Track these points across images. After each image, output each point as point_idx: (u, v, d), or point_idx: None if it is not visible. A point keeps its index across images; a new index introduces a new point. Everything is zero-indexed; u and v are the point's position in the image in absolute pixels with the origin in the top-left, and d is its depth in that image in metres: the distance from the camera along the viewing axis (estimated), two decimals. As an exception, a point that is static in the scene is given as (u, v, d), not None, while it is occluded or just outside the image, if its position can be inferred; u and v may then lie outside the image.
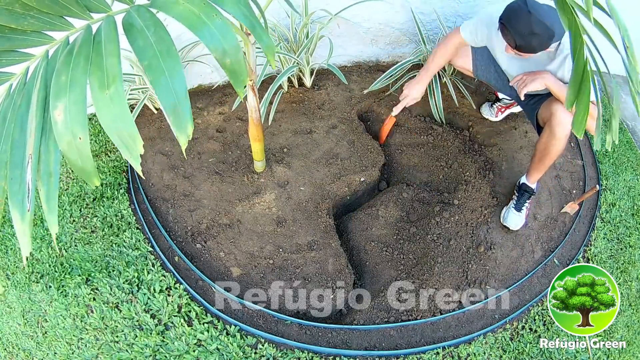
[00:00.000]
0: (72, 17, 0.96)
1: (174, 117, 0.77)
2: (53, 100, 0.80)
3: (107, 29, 0.86)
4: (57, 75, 0.82)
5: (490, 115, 2.56)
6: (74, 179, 2.28)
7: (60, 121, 0.78)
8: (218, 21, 0.79)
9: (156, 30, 0.81)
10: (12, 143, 0.87)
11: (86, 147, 0.78)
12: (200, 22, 0.79)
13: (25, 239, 0.83)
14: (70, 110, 0.78)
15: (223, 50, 0.79)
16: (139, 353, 1.77)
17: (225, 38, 0.79)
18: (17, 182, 0.84)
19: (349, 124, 2.49)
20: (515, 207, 2.12)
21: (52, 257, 2.04)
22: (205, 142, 2.37)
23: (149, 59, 0.78)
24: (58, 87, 0.80)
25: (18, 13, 0.90)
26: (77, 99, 0.78)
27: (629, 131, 2.84)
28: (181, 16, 0.80)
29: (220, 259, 2.04)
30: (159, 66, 0.77)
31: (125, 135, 0.77)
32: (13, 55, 0.97)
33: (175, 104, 0.76)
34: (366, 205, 2.34)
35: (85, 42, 0.85)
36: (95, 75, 0.79)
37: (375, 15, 2.51)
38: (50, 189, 0.83)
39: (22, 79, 0.96)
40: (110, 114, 0.76)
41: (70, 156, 0.79)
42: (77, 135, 0.77)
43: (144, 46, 0.79)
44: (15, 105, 0.91)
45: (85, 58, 0.82)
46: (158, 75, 0.77)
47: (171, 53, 0.78)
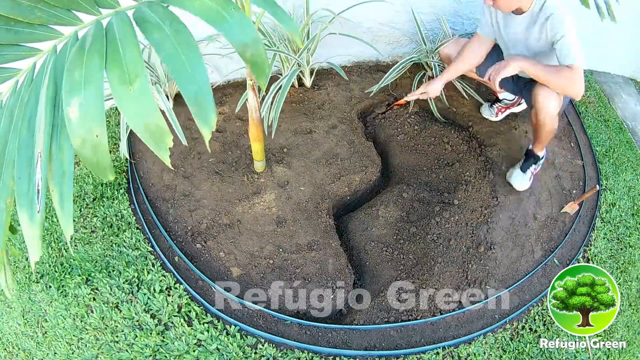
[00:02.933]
0: (80, 11, 0.95)
1: (197, 108, 0.75)
2: (66, 97, 0.77)
3: (121, 25, 0.84)
4: (69, 71, 0.80)
5: (490, 116, 2.57)
6: (73, 179, 2.28)
7: (74, 118, 0.76)
8: (236, 14, 0.79)
9: (172, 24, 0.80)
10: (19, 141, 0.84)
11: (104, 143, 0.76)
12: (219, 16, 0.78)
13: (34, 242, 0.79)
14: (87, 106, 0.76)
15: (244, 43, 0.79)
16: (139, 353, 1.77)
17: (245, 31, 0.79)
18: (25, 181, 0.80)
19: (349, 124, 2.49)
20: (521, 167, 2.23)
21: (52, 257, 2.04)
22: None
23: (166, 50, 0.77)
24: (71, 84, 0.78)
25: (25, 5, 0.88)
26: (94, 96, 0.76)
27: (629, 131, 2.84)
28: (199, 11, 0.79)
29: (220, 259, 2.04)
30: (178, 57, 0.76)
31: (153, 129, 0.75)
32: (19, 49, 0.95)
33: (197, 95, 0.75)
34: (366, 205, 2.34)
35: (98, 38, 0.83)
36: (114, 72, 0.77)
37: (376, 15, 2.51)
38: (64, 190, 0.80)
39: (29, 75, 0.93)
40: (135, 109, 0.75)
41: (85, 153, 0.76)
42: (94, 131, 0.75)
43: (162, 39, 0.78)
44: (22, 102, 0.88)
45: (100, 54, 0.80)
46: (178, 67, 0.76)
47: (191, 44, 0.78)
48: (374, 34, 2.61)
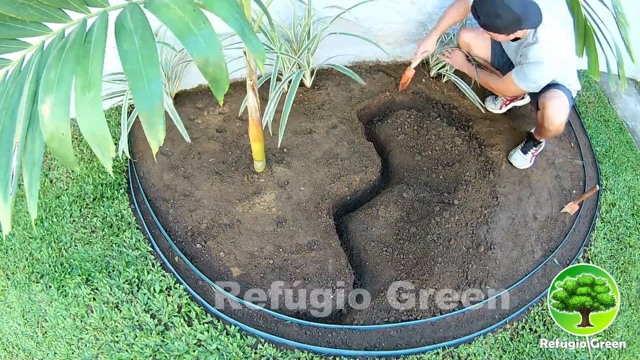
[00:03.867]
0: (70, 9, 0.99)
1: (147, 123, 0.80)
2: (41, 95, 0.84)
3: (99, 28, 0.89)
4: (47, 70, 0.86)
5: (495, 108, 2.60)
6: (74, 179, 2.28)
7: (46, 116, 0.83)
8: (205, 30, 0.81)
9: (143, 34, 0.83)
10: (1, 130, 0.91)
11: (67, 140, 0.85)
12: (187, 30, 0.81)
13: (6, 219, 0.89)
14: (56, 107, 0.83)
15: (206, 59, 0.81)
16: (139, 353, 1.77)
17: (210, 47, 0.81)
18: (2, 169, 0.89)
19: (349, 124, 2.49)
20: (522, 149, 2.34)
21: (52, 257, 2.04)
22: (205, 142, 2.37)
23: (131, 64, 0.81)
24: (47, 83, 0.85)
25: (19, 3, 0.93)
26: (63, 98, 0.83)
27: (629, 131, 2.84)
28: (170, 21, 0.82)
29: (220, 259, 2.04)
30: (139, 73, 0.80)
31: (99, 137, 0.82)
32: (12, 43, 1.00)
33: (150, 111, 0.80)
34: (366, 205, 2.34)
35: (78, 37, 0.89)
36: (80, 77, 0.83)
37: (376, 14, 2.51)
38: (33, 177, 0.89)
39: (17, 67, 0.99)
40: (87, 116, 0.81)
41: (53, 146, 0.85)
42: (61, 130, 0.83)
43: (129, 50, 0.82)
44: (8, 94, 0.95)
45: (75, 56, 0.86)
46: (137, 81, 0.80)
47: (153, 60, 0.81)
48: (374, 34, 2.61)
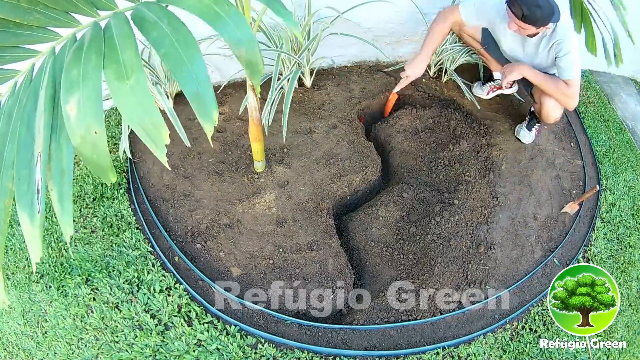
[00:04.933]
0: (78, 13, 0.95)
1: (197, 105, 0.75)
2: (64, 95, 0.77)
3: (119, 24, 0.85)
4: (67, 70, 0.80)
5: (482, 93, 2.65)
6: (73, 179, 2.28)
7: (73, 115, 0.76)
8: (232, 12, 0.79)
9: (170, 22, 0.80)
10: (18, 142, 0.83)
11: (102, 141, 0.76)
12: (214, 14, 0.78)
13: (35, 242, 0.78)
14: (85, 103, 0.76)
15: (238, 41, 0.79)
16: (139, 353, 1.77)
17: (240, 28, 0.79)
18: (25, 182, 0.80)
19: (349, 124, 2.49)
20: (527, 126, 2.45)
21: (52, 257, 2.04)
22: (205, 142, 2.37)
23: (165, 47, 0.77)
24: (69, 82, 0.78)
25: (23, 8, 0.88)
26: (92, 93, 0.77)
27: (629, 131, 2.84)
28: (194, 9, 0.79)
29: (220, 259, 2.04)
30: (177, 54, 0.76)
31: (148, 125, 0.75)
32: (17, 51, 0.95)
33: (198, 91, 0.76)
34: (366, 205, 2.34)
35: (96, 38, 0.84)
36: (111, 68, 0.77)
37: (376, 14, 2.51)
38: (64, 189, 0.79)
39: (27, 76, 0.94)
40: (131, 104, 0.75)
41: (85, 151, 0.76)
42: (92, 129, 0.75)
43: (160, 36, 0.78)
44: (21, 103, 0.88)
45: (97, 53, 0.80)
46: (178, 64, 0.76)
47: (189, 41, 0.78)
48: (374, 34, 2.61)
